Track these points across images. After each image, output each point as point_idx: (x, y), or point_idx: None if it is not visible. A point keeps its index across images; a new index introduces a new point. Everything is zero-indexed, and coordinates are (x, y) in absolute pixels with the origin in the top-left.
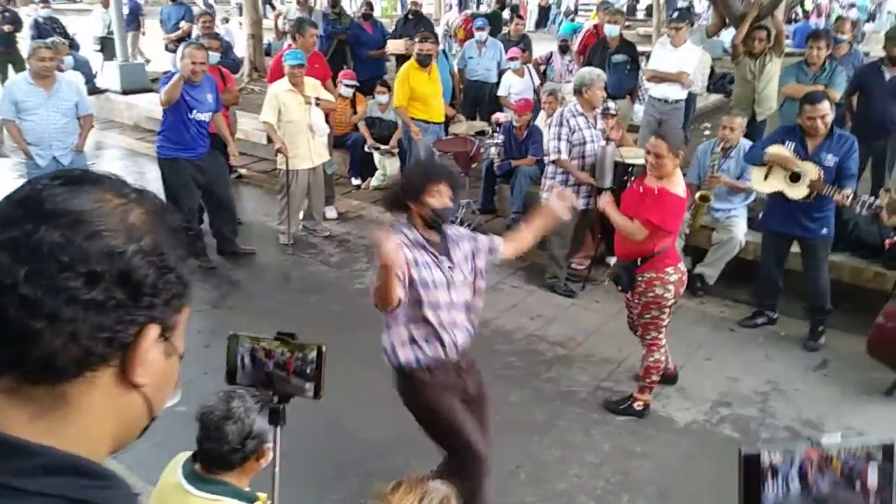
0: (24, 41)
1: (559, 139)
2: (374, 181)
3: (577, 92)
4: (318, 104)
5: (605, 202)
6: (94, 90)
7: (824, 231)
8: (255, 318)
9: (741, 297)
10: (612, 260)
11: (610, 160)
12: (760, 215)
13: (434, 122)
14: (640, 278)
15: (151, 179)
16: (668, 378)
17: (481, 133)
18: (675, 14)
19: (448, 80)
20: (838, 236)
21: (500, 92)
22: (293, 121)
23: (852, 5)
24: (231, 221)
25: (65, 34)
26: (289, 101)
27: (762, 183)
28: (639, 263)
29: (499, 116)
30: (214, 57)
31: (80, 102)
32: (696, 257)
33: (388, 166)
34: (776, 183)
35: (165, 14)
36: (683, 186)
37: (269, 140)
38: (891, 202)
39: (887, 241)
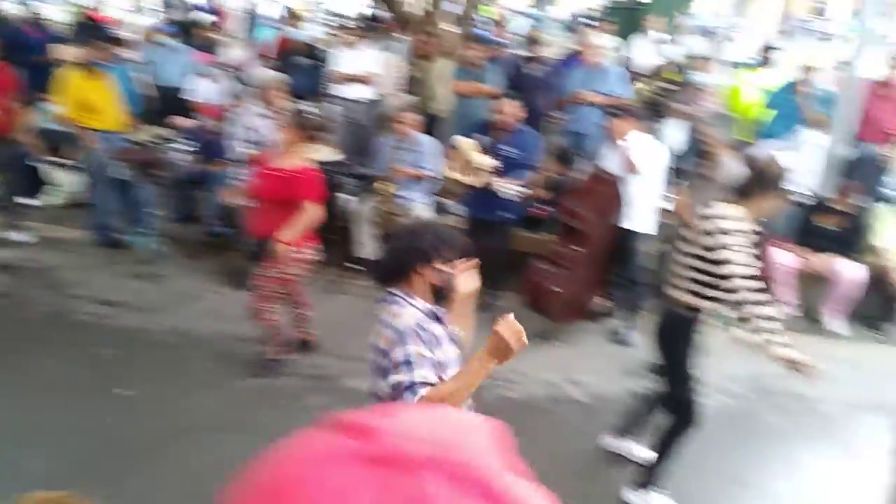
0: None
1: (240, 139)
2: (51, 198)
3: (259, 94)
4: None
5: (230, 192)
6: None
7: (504, 214)
8: None
9: None
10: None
11: None
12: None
13: (109, 131)
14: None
15: None
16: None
17: (165, 140)
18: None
19: (130, 86)
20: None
21: (190, 96)
22: None
23: (524, 13)
24: None
25: None
26: None
27: (453, 172)
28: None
29: (181, 121)
30: None
31: None
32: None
33: (68, 181)
34: (459, 173)
35: None
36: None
37: None
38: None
39: (529, 210)
